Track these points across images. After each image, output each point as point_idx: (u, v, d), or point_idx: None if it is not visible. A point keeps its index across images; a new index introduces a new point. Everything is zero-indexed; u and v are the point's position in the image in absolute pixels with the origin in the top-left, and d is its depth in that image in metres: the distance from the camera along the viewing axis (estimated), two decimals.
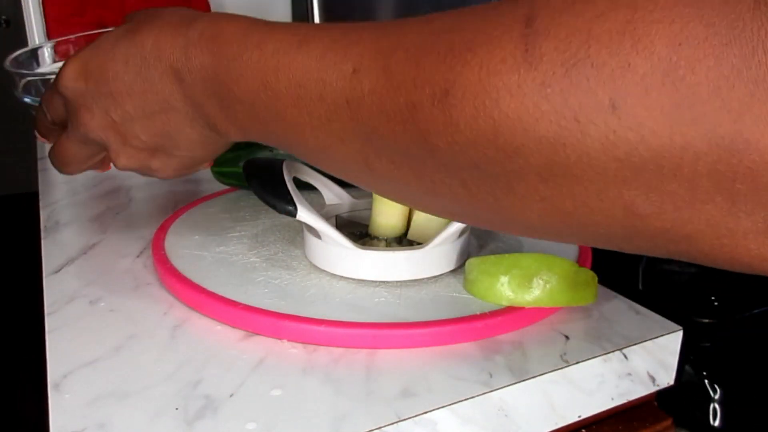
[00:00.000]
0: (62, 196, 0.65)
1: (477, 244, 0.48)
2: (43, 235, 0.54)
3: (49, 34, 0.84)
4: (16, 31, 3.12)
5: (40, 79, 0.57)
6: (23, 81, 0.57)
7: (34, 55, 0.65)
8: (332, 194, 0.51)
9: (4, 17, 3.25)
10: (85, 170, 0.41)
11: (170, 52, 0.32)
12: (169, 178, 0.39)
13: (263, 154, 0.60)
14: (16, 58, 0.62)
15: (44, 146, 0.86)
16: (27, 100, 0.56)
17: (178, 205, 0.61)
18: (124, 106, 0.35)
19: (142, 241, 0.52)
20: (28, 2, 0.85)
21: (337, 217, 0.50)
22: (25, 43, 0.87)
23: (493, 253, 0.46)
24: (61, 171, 0.41)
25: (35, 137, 0.44)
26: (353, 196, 0.52)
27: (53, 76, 0.38)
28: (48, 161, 0.78)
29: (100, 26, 0.85)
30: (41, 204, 0.62)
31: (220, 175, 0.63)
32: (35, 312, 0.52)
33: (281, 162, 0.45)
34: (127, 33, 0.34)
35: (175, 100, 0.33)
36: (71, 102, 0.36)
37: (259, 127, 0.30)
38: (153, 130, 0.35)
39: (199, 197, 0.60)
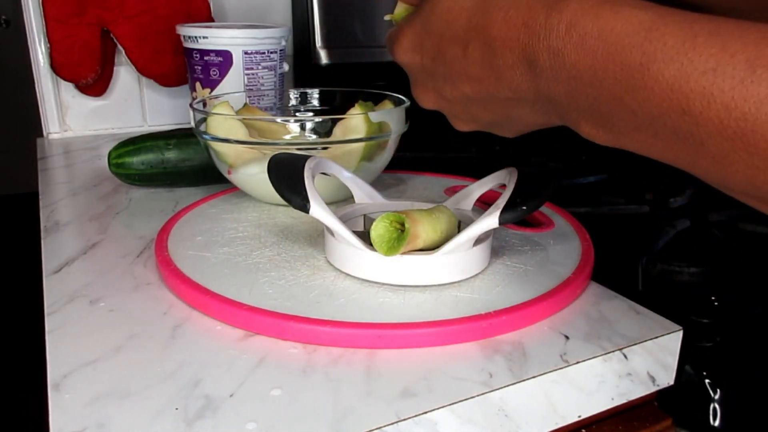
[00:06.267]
0: (62, 196, 0.65)
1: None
2: (43, 235, 0.54)
3: (49, 34, 0.84)
4: (16, 31, 3.12)
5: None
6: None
7: None
8: (362, 193, 0.51)
9: (4, 17, 3.25)
10: None
11: (526, 40, 0.28)
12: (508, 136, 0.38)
13: (166, 151, 0.63)
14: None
15: (44, 146, 0.86)
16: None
17: (178, 205, 0.61)
18: (461, 89, 0.32)
19: (142, 241, 0.52)
20: (28, 2, 0.85)
21: (365, 216, 0.50)
22: (25, 43, 0.87)
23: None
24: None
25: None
26: (385, 197, 0.51)
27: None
28: (48, 161, 0.78)
29: (100, 26, 0.85)
30: (41, 204, 0.62)
31: (117, 167, 0.64)
32: (35, 312, 0.52)
33: (306, 158, 0.45)
34: (466, 12, 0.31)
35: (524, 91, 0.30)
36: (407, 71, 0.36)
37: (643, 140, 0.27)
38: (491, 112, 0.33)
39: (200, 198, 0.60)
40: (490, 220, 0.40)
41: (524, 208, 0.40)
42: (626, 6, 0.27)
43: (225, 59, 0.75)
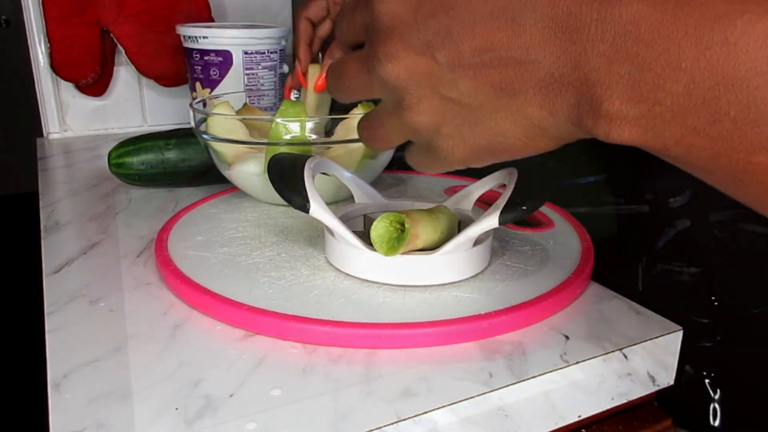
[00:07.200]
0: (62, 196, 0.65)
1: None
2: (43, 235, 0.54)
3: (49, 34, 0.84)
4: (16, 31, 3.12)
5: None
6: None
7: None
8: (362, 193, 0.51)
9: (4, 17, 3.25)
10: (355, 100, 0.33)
11: None
12: (449, 166, 0.30)
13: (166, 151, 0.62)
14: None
15: (44, 146, 0.86)
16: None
17: (178, 205, 0.61)
18: (459, 46, 0.26)
19: (142, 241, 0.52)
20: (28, 2, 0.85)
21: (365, 216, 0.50)
22: (25, 43, 0.87)
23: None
24: (336, 96, 0.33)
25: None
26: (385, 197, 0.51)
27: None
28: (48, 161, 0.78)
29: (100, 26, 0.85)
30: (41, 204, 0.62)
31: (117, 167, 0.64)
32: (35, 312, 0.52)
33: (306, 158, 0.45)
34: None
35: (540, 52, 0.24)
36: (383, 27, 0.28)
37: (689, 135, 0.21)
38: (482, 83, 0.26)
39: (200, 198, 0.60)
40: (490, 220, 0.40)
41: (524, 208, 0.40)
42: None
43: (225, 59, 0.75)
